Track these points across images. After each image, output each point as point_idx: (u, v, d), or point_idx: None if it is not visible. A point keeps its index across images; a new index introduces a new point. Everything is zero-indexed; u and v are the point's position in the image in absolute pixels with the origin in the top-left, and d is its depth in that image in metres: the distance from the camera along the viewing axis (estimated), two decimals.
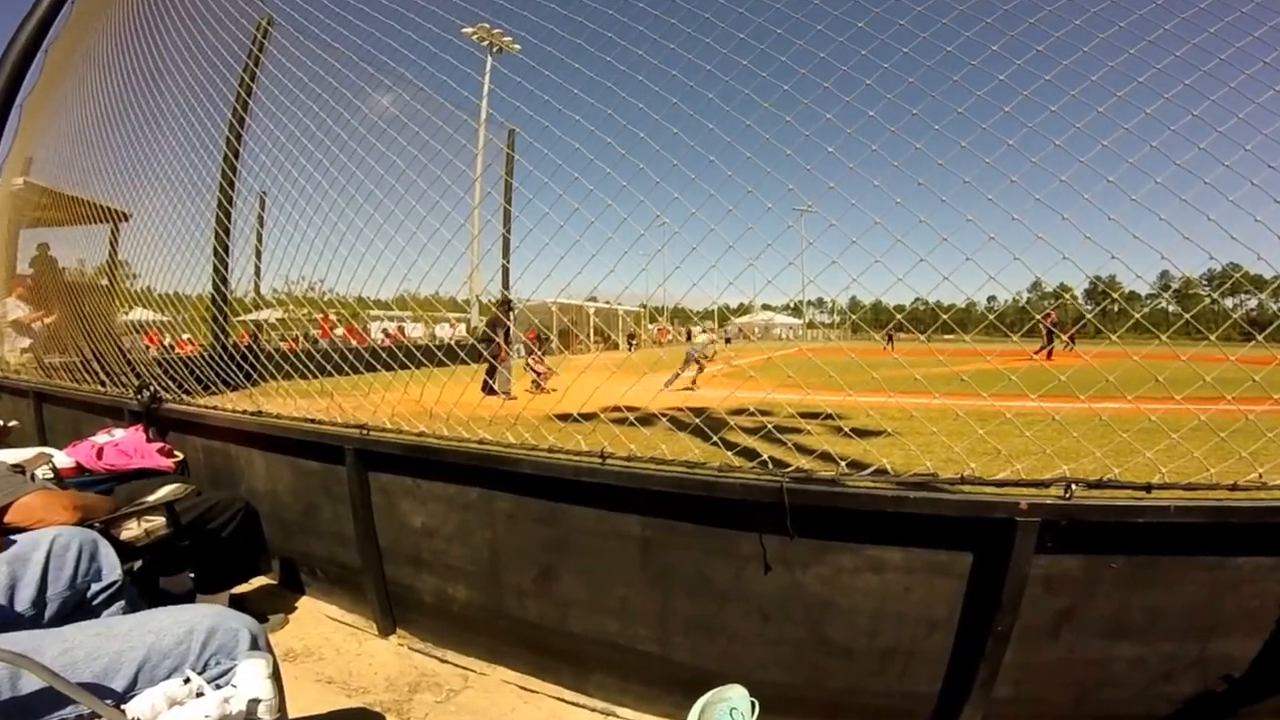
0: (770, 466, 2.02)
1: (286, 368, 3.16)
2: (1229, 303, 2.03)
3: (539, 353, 8.54)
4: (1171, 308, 2.10)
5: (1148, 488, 1.73)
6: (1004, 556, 1.73)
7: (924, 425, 2.22)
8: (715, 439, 2.21)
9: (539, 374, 8.94)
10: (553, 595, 2.34)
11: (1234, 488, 1.73)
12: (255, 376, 3.30)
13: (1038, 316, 2.26)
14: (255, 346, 3.77)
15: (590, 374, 2.47)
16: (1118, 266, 1.81)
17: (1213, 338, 1.85)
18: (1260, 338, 1.86)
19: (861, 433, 2.44)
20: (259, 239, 3.78)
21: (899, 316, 2.06)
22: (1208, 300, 1.98)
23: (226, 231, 3.62)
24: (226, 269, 3.62)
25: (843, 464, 2.01)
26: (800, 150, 2.02)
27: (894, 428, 2.57)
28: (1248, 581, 1.72)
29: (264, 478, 3.11)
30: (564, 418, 2.47)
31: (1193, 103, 1.74)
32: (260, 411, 3.09)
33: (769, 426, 2.08)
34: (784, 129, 2.03)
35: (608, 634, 2.26)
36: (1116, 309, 1.93)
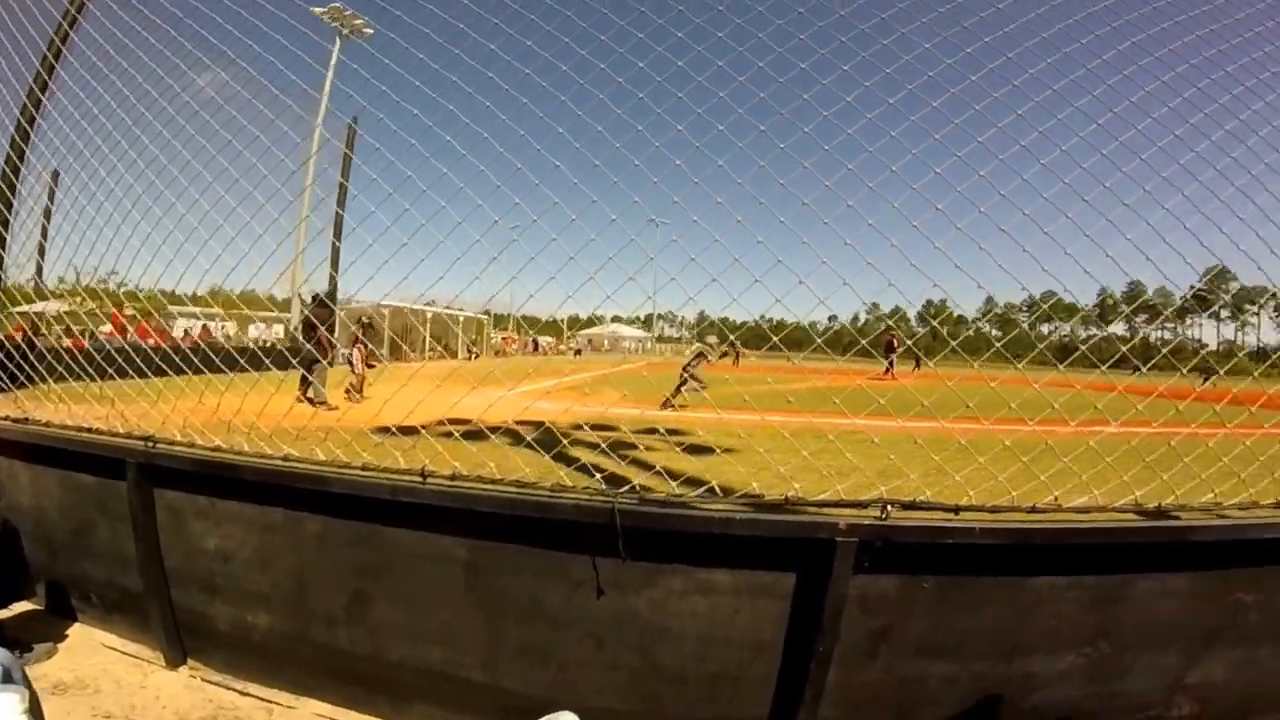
0: (604, 486, 1.93)
1: (61, 369, 2.69)
2: (1044, 329, 2.15)
3: (362, 354, 8.02)
4: (994, 331, 2.19)
5: (955, 509, 1.78)
6: (824, 577, 1.73)
7: (759, 442, 2.20)
8: (553, 454, 2.09)
9: (358, 376, 8.39)
10: (368, 622, 2.13)
11: (1032, 510, 1.82)
12: (22, 378, 2.79)
13: (862, 341, 2.31)
14: (30, 342, 3.20)
15: (419, 384, 2.26)
16: (953, 291, 1.86)
17: (1019, 366, 1.95)
18: (1061, 366, 1.99)
19: (700, 449, 2.40)
20: (46, 218, 3.22)
21: (732, 336, 2.03)
22: (1024, 325, 2.07)
23: (8, 206, 3.06)
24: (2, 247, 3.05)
25: (674, 484, 1.95)
26: (650, 161, 1.93)
27: (734, 444, 2.56)
28: (1046, 601, 1.81)
29: (28, 493, 2.63)
30: (384, 431, 2.24)
31: (1021, 133, 1.82)
32: (26, 419, 2.61)
33: (603, 445, 1.98)
34: (635, 137, 1.93)
35: (430, 662, 2.08)
36: (946, 331, 1.99)
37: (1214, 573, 1.85)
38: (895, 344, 16.21)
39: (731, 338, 2.36)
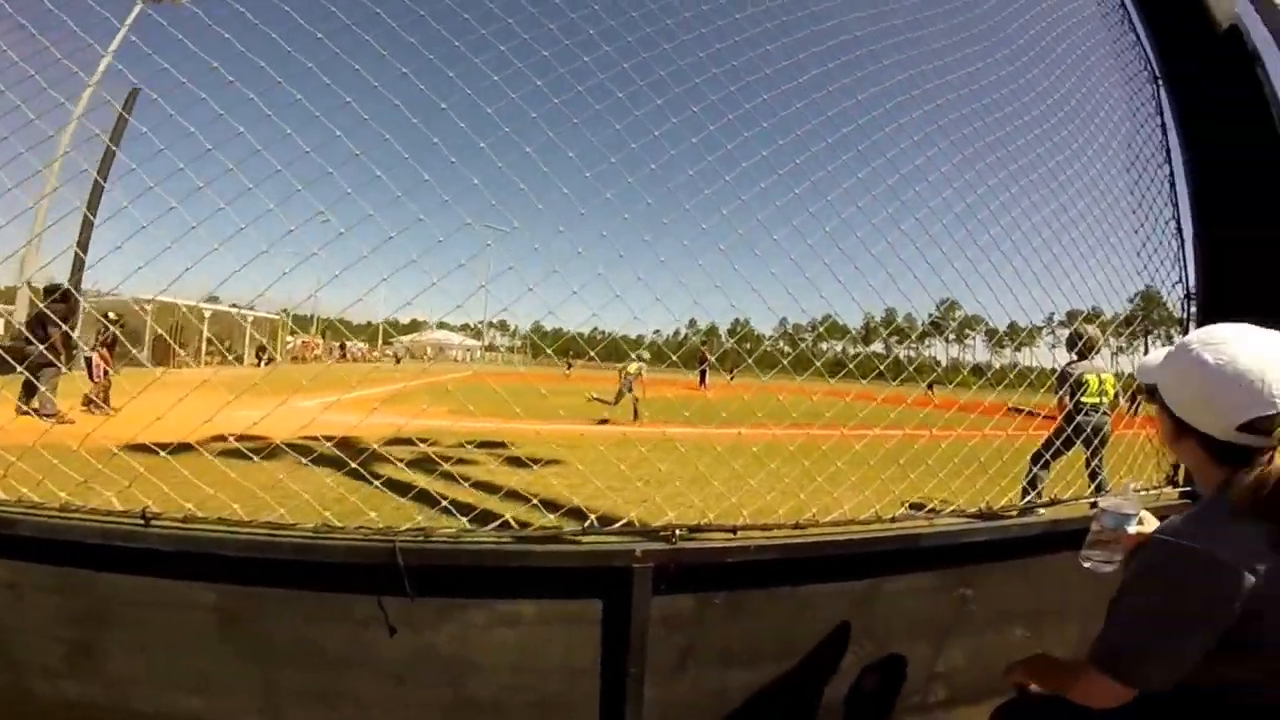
0: (382, 525, 1.76)
1: None
2: (824, 346, 2.37)
3: (104, 359, 6.78)
4: (785, 347, 2.35)
5: (734, 529, 1.89)
6: (627, 602, 1.75)
7: (579, 455, 2.18)
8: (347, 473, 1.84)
9: (98, 383, 7.11)
10: (102, 673, 1.75)
11: (796, 526, 1.97)
12: None
13: (672, 355, 2.38)
14: None
15: (179, 393, 1.85)
16: (752, 310, 1.96)
17: (800, 378, 2.13)
18: (832, 380, 2.19)
19: (520, 463, 2.30)
20: None
21: (547, 348, 1.98)
22: (808, 343, 2.25)
23: None
24: None
25: (464, 519, 1.88)
26: (478, 166, 1.76)
27: (558, 455, 2.50)
28: (816, 607, 1.97)
29: None
30: (142, 449, 1.81)
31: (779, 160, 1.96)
32: None
33: (370, 477, 1.79)
34: (465, 140, 1.75)
35: (191, 711, 1.77)
36: (748, 347, 2.11)
37: (940, 572, 2.08)
38: (707, 358, 17.56)
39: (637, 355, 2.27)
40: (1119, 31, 2.85)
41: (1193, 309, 2.77)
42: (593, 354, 2.16)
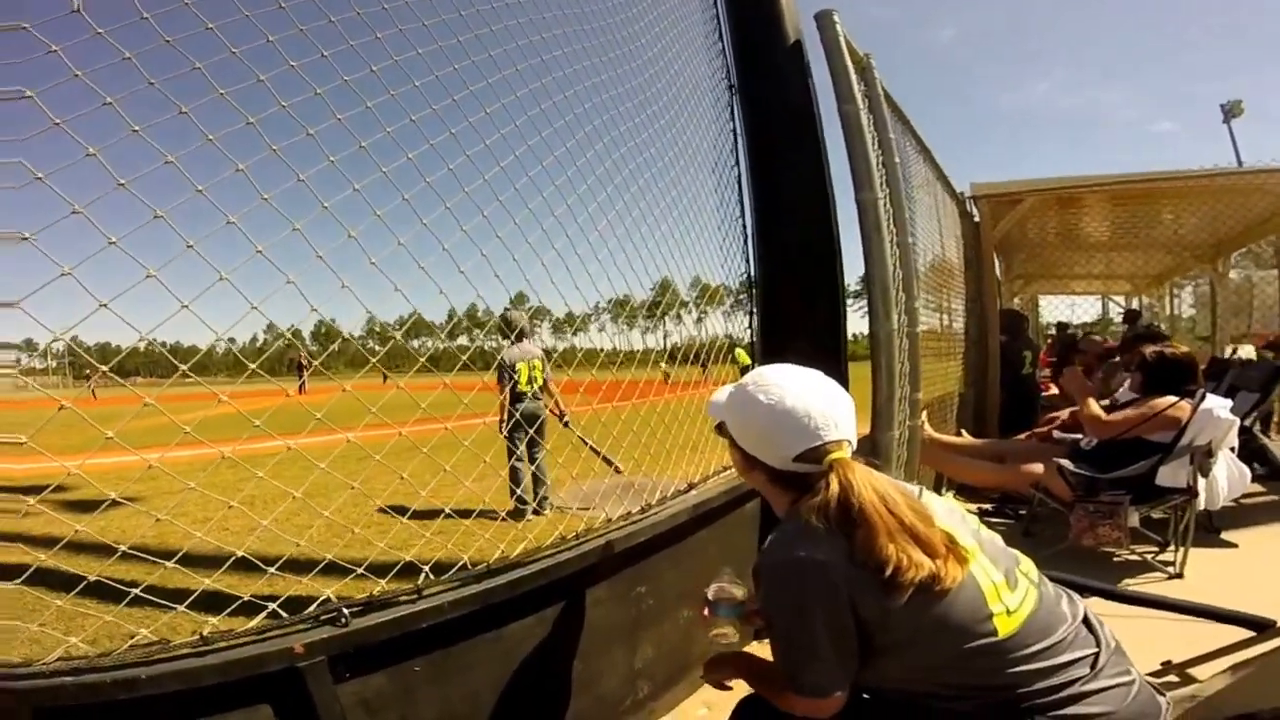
0: None
1: None
2: (414, 343, 2.38)
3: None
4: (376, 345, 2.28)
5: (418, 593, 1.65)
6: (306, 701, 1.41)
7: (162, 485, 1.83)
8: None
9: None
10: None
11: (490, 571, 1.80)
12: None
13: (253, 365, 2.13)
14: None
15: None
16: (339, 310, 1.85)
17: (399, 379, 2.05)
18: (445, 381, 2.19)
19: (89, 504, 1.71)
20: None
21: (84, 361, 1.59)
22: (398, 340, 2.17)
23: None
24: None
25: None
26: None
27: (137, 490, 1.96)
28: (521, 642, 1.84)
29: None
30: None
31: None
32: None
33: None
34: None
35: None
36: (336, 347, 2.05)
37: (618, 576, 2.11)
38: (304, 362, 15.68)
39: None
40: (713, 39, 3.08)
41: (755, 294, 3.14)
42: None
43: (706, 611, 1.46)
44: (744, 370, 3.60)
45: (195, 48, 1.29)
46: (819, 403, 1.19)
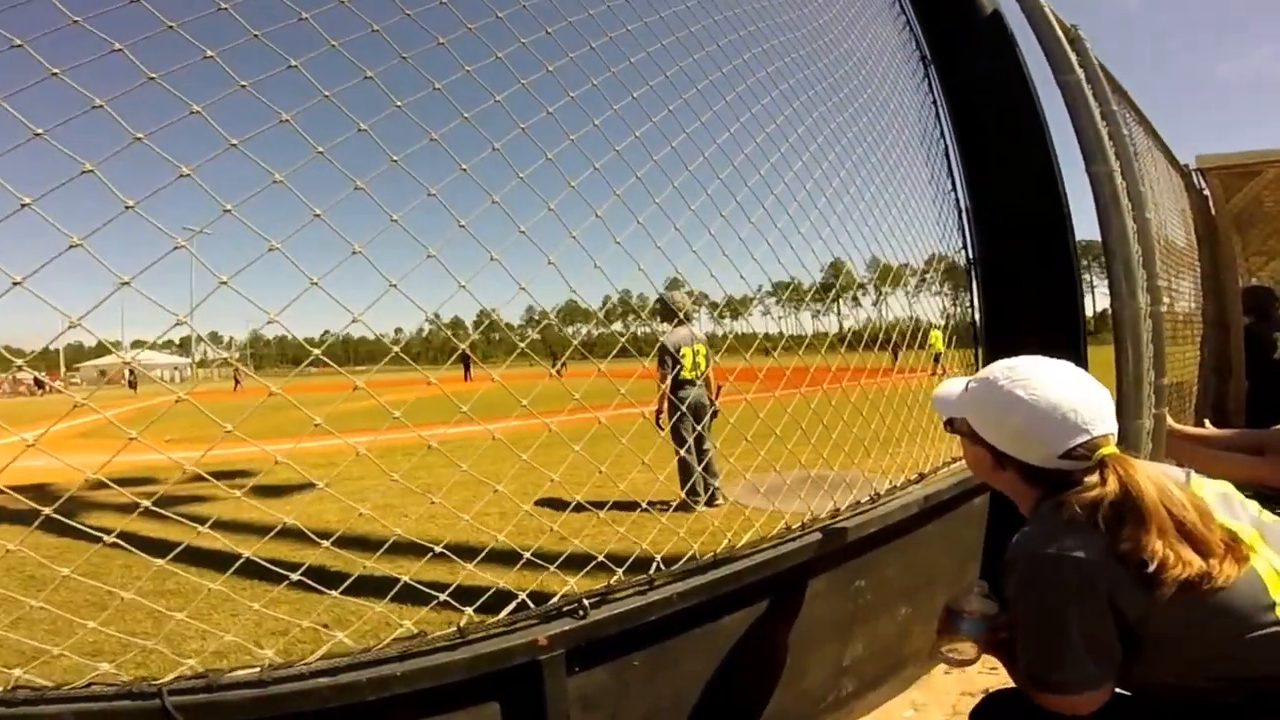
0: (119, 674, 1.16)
1: None
2: (569, 330, 2.36)
3: None
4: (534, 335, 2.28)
5: (649, 584, 1.62)
6: (538, 697, 1.41)
7: (345, 470, 1.94)
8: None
9: None
10: None
11: (715, 563, 1.76)
12: None
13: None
14: None
15: None
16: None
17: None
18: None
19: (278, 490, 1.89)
20: None
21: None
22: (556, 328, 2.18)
23: None
24: None
25: (270, 653, 1.26)
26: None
27: (319, 476, 2.12)
28: (735, 637, 1.79)
29: None
30: None
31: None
32: None
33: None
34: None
35: None
36: (497, 336, 2.08)
37: (839, 569, 2.03)
38: (469, 351, 17.24)
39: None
40: (890, 15, 2.97)
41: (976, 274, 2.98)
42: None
43: (946, 621, 1.32)
44: (936, 357, 3.37)
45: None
46: (1083, 395, 1.15)
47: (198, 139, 1.24)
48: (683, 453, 2.16)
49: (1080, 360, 2.57)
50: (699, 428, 4.44)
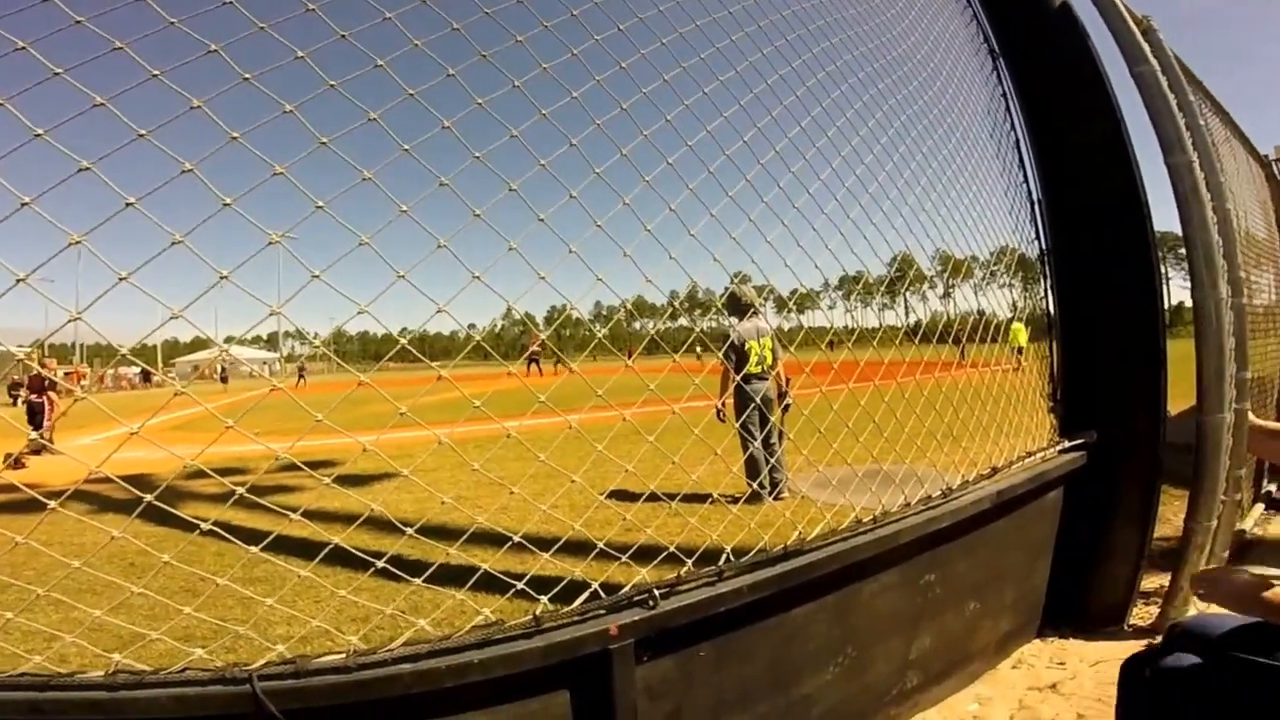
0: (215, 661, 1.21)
1: None
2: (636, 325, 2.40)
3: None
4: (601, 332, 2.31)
5: (718, 575, 1.61)
6: (606, 686, 1.42)
7: (420, 462, 1.98)
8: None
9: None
10: None
11: (785, 555, 1.73)
12: None
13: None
14: None
15: None
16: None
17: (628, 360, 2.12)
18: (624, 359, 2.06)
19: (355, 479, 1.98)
20: None
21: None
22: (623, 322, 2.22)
23: None
24: None
25: (354, 639, 1.32)
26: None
27: (394, 468, 2.20)
28: (803, 629, 1.79)
29: None
30: None
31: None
32: None
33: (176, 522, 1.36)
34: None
35: None
36: (567, 333, 2.11)
37: (909, 563, 2.01)
38: (537, 346, 18.26)
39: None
40: (956, 9, 2.94)
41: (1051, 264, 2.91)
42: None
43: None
44: (1019, 350, 3.27)
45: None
46: None
47: (289, 139, 1.29)
48: (754, 446, 2.16)
49: (1159, 347, 2.53)
50: (767, 422, 4.41)
